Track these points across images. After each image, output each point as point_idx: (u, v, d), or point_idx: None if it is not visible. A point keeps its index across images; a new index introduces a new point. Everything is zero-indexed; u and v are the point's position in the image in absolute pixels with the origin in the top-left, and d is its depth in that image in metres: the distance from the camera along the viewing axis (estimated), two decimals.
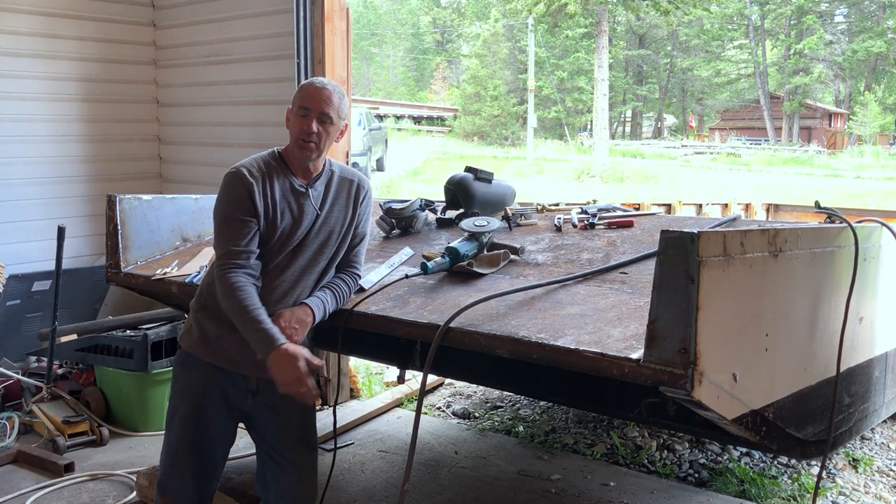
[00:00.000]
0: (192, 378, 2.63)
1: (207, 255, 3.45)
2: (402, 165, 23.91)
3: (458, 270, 2.86)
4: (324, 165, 2.69)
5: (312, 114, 2.54)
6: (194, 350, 2.63)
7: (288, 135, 2.64)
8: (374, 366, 5.67)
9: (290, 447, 2.72)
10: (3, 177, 5.26)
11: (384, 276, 3.01)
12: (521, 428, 4.60)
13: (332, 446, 3.18)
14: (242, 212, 2.51)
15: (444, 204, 3.65)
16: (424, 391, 3.18)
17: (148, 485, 3.64)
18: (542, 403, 4.98)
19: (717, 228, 2.44)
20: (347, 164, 4.97)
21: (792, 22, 43.42)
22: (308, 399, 2.51)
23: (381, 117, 29.70)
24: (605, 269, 2.68)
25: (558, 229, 3.23)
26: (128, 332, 4.53)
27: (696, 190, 20.51)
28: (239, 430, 2.79)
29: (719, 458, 4.15)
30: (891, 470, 4.04)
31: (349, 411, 4.79)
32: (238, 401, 2.64)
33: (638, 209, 4.97)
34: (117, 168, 5.76)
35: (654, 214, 3.50)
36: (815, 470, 3.89)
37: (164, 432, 2.72)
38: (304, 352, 2.44)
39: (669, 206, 9.07)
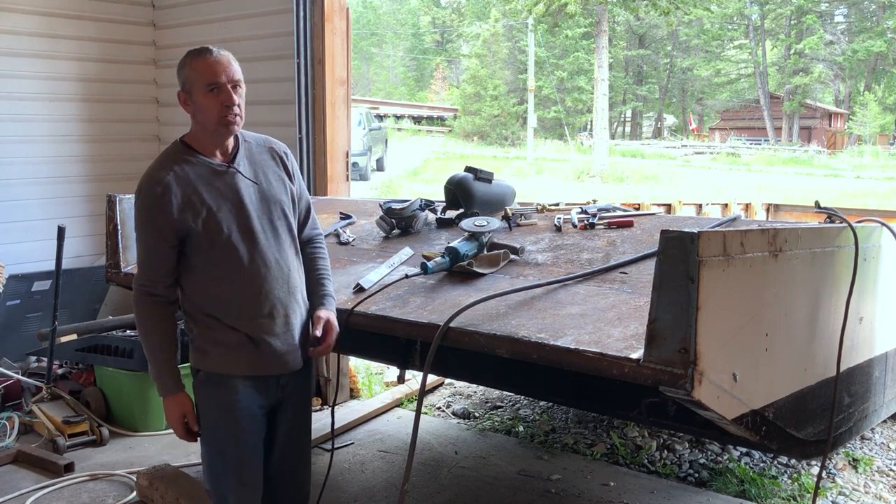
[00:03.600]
0: (230, 395, 2.47)
1: None
2: (402, 165, 23.91)
3: (458, 270, 2.86)
4: (236, 138, 2.51)
5: (225, 85, 2.38)
6: (221, 368, 2.47)
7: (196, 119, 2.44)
8: (374, 366, 5.67)
9: (300, 434, 2.72)
10: (3, 177, 5.26)
11: (384, 276, 3.01)
12: (521, 428, 4.60)
13: (331, 446, 3.16)
14: (156, 237, 2.36)
15: (444, 204, 3.65)
16: (424, 391, 3.18)
17: (148, 485, 3.64)
18: (542, 403, 4.98)
19: (717, 228, 2.44)
20: (348, 164, 4.98)
21: (792, 22, 43.43)
22: (183, 437, 2.51)
23: (381, 117, 29.71)
24: (605, 269, 2.68)
25: (558, 229, 3.23)
26: (128, 332, 4.54)
27: (696, 190, 20.52)
28: None
29: (719, 458, 4.15)
30: (891, 470, 4.04)
31: (349, 411, 4.79)
32: (272, 398, 2.56)
33: (638, 209, 4.97)
34: (117, 168, 5.76)
35: (654, 214, 3.50)
36: (815, 470, 3.89)
37: (203, 469, 2.60)
38: (189, 408, 2.48)
39: (669, 206, 9.07)
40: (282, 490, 2.67)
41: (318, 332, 2.51)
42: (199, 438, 2.52)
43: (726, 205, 9.86)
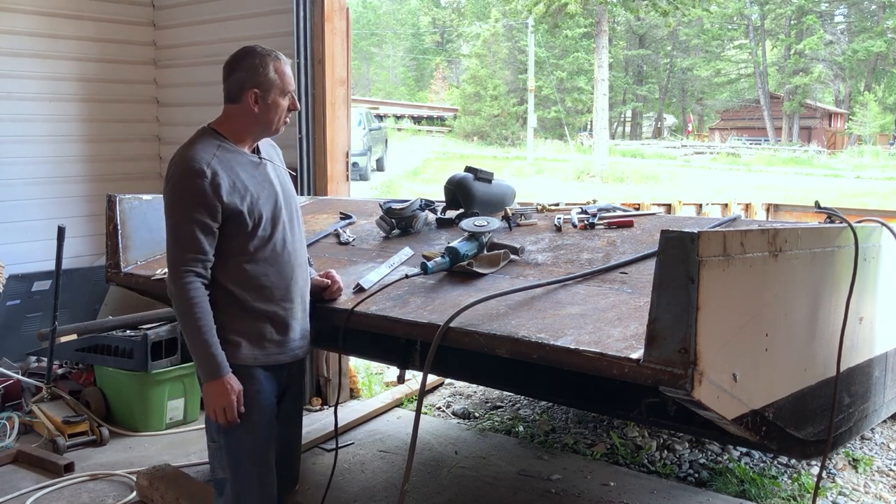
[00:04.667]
0: (251, 386, 2.52)
1: None
2: (402, 165, 23.91)
3: (458, 270, 2.86)
4: None
5: (293, 93, 2.58)
6: (242, 359, 2.51)
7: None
8: (374, 366, 5.67)
9: (294, 421, 2.84)
10: (4, 177, 5.26)
11: (384, 276, 3.01)
12: (521, 428, 4.60)
13: (333, 446, 3.17)
14: (208, 216, 2.38)
15: (444, 204, 3.65)
16: (424, 391, 3.18)
17: (148, 485, 3.64)
18: (542, 403, 4.98)
19: (717, 228, 2.44)
20: (348, 164, 4.98)
21: (792, 22, 43.42)
22: (225, 422, 2.48)
23: (381, 117, 29.70)
24: (605, 269, 2.68)
25: (558, 229, 3.23)
26: (128, 332, 4.53)
27: (696, 190, 20.52)
28: None
29: (719, 458, 4.15)
30: (891, 470, 4.04)
31: (349, 411, 4.79)
32: (281, 386, 2.67)
33: (638, 209, 4.97)
34: (117, 168, 5.76)
35: (654, 214, 3.50)
36: (815, 470, 3.89)
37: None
38: (239, 388, 2.46)
39: (669, 206, 9.08)
40: (276, 474, 2.75)
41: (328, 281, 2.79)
42: (219, 427, 2.53)
43: (726, 205, 9.86)
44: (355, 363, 5.42)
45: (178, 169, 2.42)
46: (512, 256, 2.95)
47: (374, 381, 5.40)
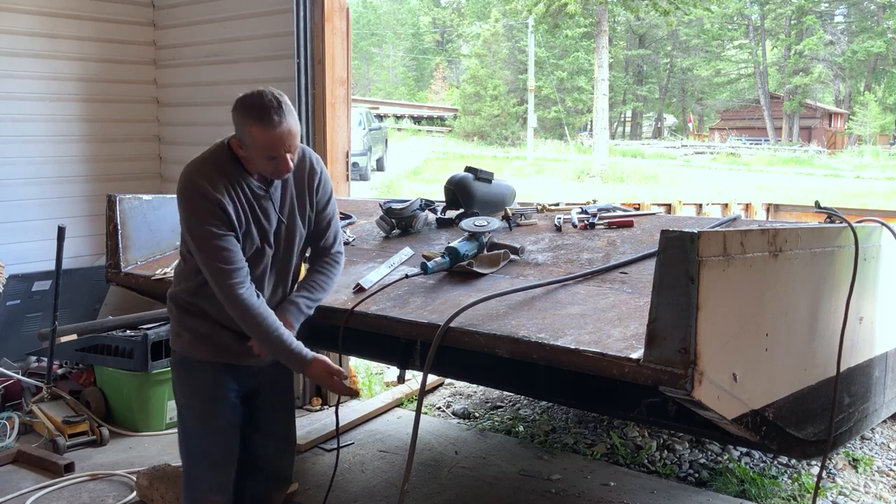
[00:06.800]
0: (200, 378, 2.65)
1: None
2: (402, 165, 23.91)
3: (458, 270, 2.86)
4: None
5: (284, 156, 2.41)
6: (191, 352, 2.64)
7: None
8: (374, 366, 5.67)
9: (281, 420, 2.86)
10: (4, 177, 5.26)
11: (384, 276, 3.01)
12: (521, 428, 4.60)
13: (334, 446, 3.18)
14: (224, 227, 2.43)
15: (444, 204, 3.65)
16: (424, 391, 3.18)
17: (148, 485, 3.64)
18: (542, 403, 4.98)
19: (717, 228, 2.44)
20: (348, 164, 4.98)
21: (792, 22, 43.40)
22: (347, 392, 2.65)
23: (381, 117, 29.71)
24: (605, 269, 2.68)
25: (558, 229, 3.23)
26: (128, 332, 4.53)
27: (696, 190, 20.51)
28: None
29: (719, 458, 4.15)
30: (891, 470, 4.04)
31: (349, 411, 4.78)
32: (245, 384, 2.71)
33: (638, 209, 4.97)
34: (117, 168, 5.76)
35: (654, 214, 3.50)
36: (815, 470, 3.89)
37: (178, 439, 2.75)
38: (327, 361, 2.56)
39: (669, 206, 9.08)
40: (263, 474, 2.82)
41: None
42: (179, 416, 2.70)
43: (726, 205, 9.87)
44: (355, 363, 5.42)
45: (195, 193, 2.42)
46: (512, 256, 2.95)
47: (374, 381, 5.40)
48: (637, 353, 1.98)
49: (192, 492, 2.71)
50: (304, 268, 2.83)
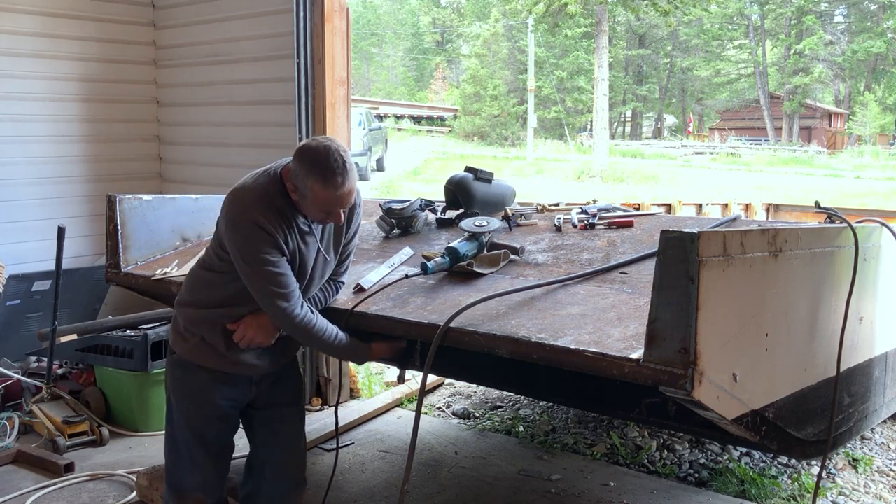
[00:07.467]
0: (195, 382, 2.66)
1: None
2: (402, 165, 23.91)
3: (458, 270, 2.86)
4: None
5: (339, 213, 2.52)
6: (193, 357, 2.65)
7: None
8: (374, 366, 5.66)
9: (289, 425, 2.86)
10: (4, 177, 5.26)
11: (384, 276, 3.01)
12: (521, 428, 4.60)
13: (333, 446, 3.18)
14: (279, 255, 2.48)
15: (444, 204, 3.65)
16: (424, 391, 3.18)
17: (148, 485, 3.64)
18: (542, 403, 4.98)
19: (717, 228, 2.44)
20: None
21: (792, 22, 43.39)
22: (400, 352, 2.85)
23: (381, 117, 29.70)
24: (605, 269, 2.68)
25: (558, 229, 3.23)
26: (128, 332, 4.53)
27: (696, 190, 20.50)
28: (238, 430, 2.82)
29: (719, 458, 4.15)
30: (891, 470, 4.04)
31: (349, 411, 4.79)
32: (242, 394, 2.72)
33: (638, 209, 4.97)
34: (117, 168, 5.76)
35: (654, 214, 3.50)
36: (815, 470, 3.89)
37: (165, 433, 2.77)
38: (381, 343, 2.75)
39: (669, 206, 9.08)
40: (274, 479, 2.82)
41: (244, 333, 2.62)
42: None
43: (726, 205, 9.87)
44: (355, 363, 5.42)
45: (249, 224, 2.45)
46: (512, 256, 2.95)
47: (374, 381, 5.40)
48: (637, 354, 1.98)
49: (174, 488, 2.74)
50: None
